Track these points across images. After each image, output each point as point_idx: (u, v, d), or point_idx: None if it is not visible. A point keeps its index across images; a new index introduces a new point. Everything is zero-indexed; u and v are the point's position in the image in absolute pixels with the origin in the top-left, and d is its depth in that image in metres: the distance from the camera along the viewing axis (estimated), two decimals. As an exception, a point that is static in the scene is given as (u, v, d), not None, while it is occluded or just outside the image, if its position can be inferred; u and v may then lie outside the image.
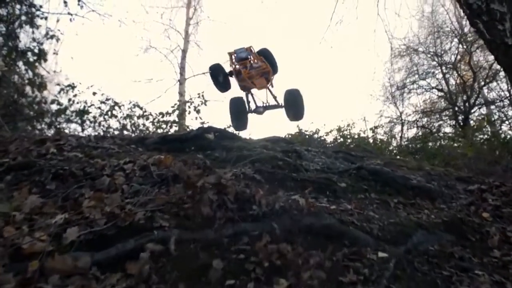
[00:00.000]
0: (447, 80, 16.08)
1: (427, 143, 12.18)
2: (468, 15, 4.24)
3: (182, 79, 13.22)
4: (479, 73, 15.11)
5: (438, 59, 15.95)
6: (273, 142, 5.10)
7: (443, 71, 15.99)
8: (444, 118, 16.55)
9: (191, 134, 4.59)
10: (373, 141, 11.96)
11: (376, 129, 12.61)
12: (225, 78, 6.20)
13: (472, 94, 14.98)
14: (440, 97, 16.56)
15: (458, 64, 15.80)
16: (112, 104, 8.43)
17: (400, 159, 6.04)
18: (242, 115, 5.70)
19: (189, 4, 13.89)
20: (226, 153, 4.23)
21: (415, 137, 13.83)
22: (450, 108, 15.96)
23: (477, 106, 15.34)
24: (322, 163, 4.37)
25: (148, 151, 4.11)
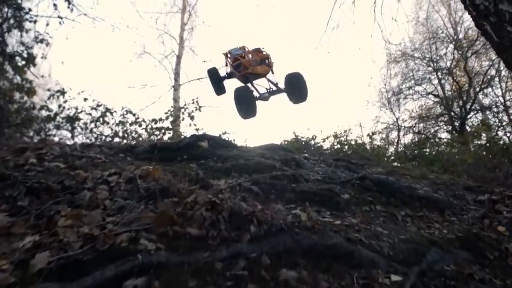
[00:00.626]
0: (443, 85, 15.96)
1: (424, 149, 11.97)
2: (474, 16, 4.01)
3: (177, 85, 12.93)
4: (475, 79, 14.99)
5: (433, 65, 15.82)
6: (270, 150, 4.83)
7: (438, 76, 15.86)
8: (440, 123, 16.41)
9: (184, 142, 4.32)
10: (371, 147, 11.73)
11: (374, 135, 12.37)
12: (220, 82, 6.22)
13: (468, 100, 14.82)
14: (436, 102, 16.41)
15: (454, 69, 15.68)
16: (104, 111, 8.13)
17: (402, 167, 5.80)
18: (250, 101, 5.51)
19: (184, 10, 13.66)
20: (221, 163, 3.96)
21: (412, 143, 13.61)
22: (446, 113, 15.81)
23: (473, 112, 15.18)
24: (322, 173, 4.10)
25: (138, 160, 3.83)
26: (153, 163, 3.78)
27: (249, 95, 5.49)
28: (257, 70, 5.40)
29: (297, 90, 5.69)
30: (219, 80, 6.21)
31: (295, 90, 5.69)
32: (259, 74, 5.44)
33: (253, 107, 5.50)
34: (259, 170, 3.69)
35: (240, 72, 5.50)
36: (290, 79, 5.69)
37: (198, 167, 3.79)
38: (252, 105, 5.48)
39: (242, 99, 5.38)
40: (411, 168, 6.01)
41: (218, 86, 6.25)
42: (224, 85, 6.29)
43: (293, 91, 5.70)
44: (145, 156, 3.93)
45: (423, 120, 16.52)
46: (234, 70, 5.69)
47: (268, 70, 5.58)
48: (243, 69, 5.44)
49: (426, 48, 15.96)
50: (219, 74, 6.28)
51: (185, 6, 13.54)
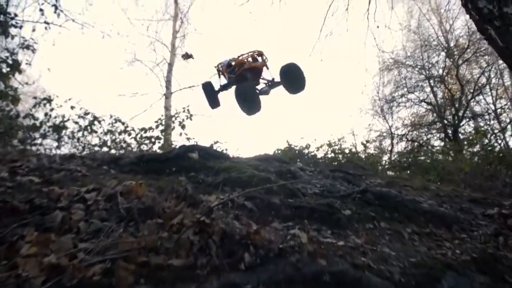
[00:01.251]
0: (435, 93, 15.88)
1: (419, 157, 11.79)
2: (477, 21, 3.79)
3: (168, 93, 12.64)
4: (466, 86, 14.93)
5: (426, 73, 15.75)
6: (264, 161, 4.56)
7: (431, 84, 15.78)
8: (432, 131, 16.29)
9: (173, 153, 4.02)
10: (365, 156, 11.51)
11: (368, 143, 12.17)
12: (215, 95, 6.32)
13: (460, 107, 14.74)
14: (429, 110, 16.31)
15: (446, 77, 15.61)
16: (91, 119, 7.80)
17: (402, 178, 5.55)
18: (253, 95, 5.45)
19: (175, 17, 13.42)
20: (212, 175, 3.68)
21: (406, 151, 13.43)
22: (438, 121, 15.71)
23: (465, 119, 15.10)
24: (320, 185, 3.84)
25: (123, 173, 3.53)
26: (139, 176, 3.49)
27: (251, 89, 5.43)
28: (252, 64, 5.51)
29: (293, 80, 5.71)
30: (214, 93, 6.28)
31: (292, 80, 5.70)
32: (255, 67, 5.43)
33: (257, 101, 5.41)
34: (252, 183, 3.41)
35: (237, 72, 5.44)
36: (285, 69, 5.68)
37: (187, 180, 3.50)
38: (255, 100, 5.40)
39: (245, 96, 5.28)
40: (411, 178, 5.77)
41: (213, 100, 6.33)
42: (218, 98, 6.36)
43: (289, 81, 5.71)
44: (131, 169, 3.64)
45: (416, 127, 16.40)
46: (230, 75, 5.62)
47: (263, 64, 5.64)
48: (239, 68, 5.41)
49: (418, 56, 15.89)
50: (213, 87, 6.34)
51: (177, 13, 13.31)
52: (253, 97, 5.25)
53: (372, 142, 13.37)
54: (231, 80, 5.79)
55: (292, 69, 5.75)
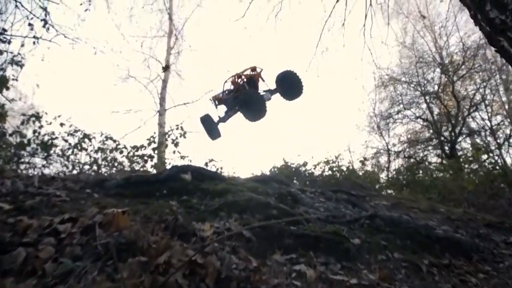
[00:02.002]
0: (431, 109, 15.70)
1: (417, 174, 11.51)
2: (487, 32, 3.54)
3: (162, 109, 12.33)
4: (462, 103, 14.79)
5: (421, 89, 15.61)
6: (263, 182, 4.23)
7: (426, 100, 15.62)
8: (429, 148, 16.07)
9: (164, 174, 3.69)
10: (363, 173, 11.21)
11: (366, 161, 11.88)
12: (215, 126, 6.40)
13: (457, 124, 14.56)
14: (425, 126, 16.12)
15: (441, 93, 15.47)
16: (81, 137, 7.46)
17: (407, 199, 5.23)
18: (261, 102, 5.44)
19: (170, 34, 13.21)
20: (206, 199, 3.34)
21: (405, 168, 13.15)
22: (435, 137, 15.51)
23: (462, 136, 14.90)
24: (324, 209, 3.52)
25: (108, 197, 3.19)
26: (126, 201, 3.15)
27: (259, 97, 5.30)
28: (248, 74, 5.39)
29: (290, 86, 5.71)
30: (213, 124, 6.34)
31: (289, 86, 5.70)
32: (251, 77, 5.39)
33: (264, 108, 5.36)
34: (251, 208, 3.08)
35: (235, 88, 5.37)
36: (282, 77, 5.69)
37: (179, 205, 3.17)
38: (263, 107, 5.36)
39: (254, 103, 5.28)
40: (417, 199, 5.46)
41: (213, 131, 6.43)
42: (219, 129, 6.43)
43: (287, 88, 5.71)
44: (117, 192, 3.30)
45: (413, 144, 16.19)
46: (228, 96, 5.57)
47: (258, 74, 5.68)
48: (236, 83, 5.37)
49: (413, 72, 15.78)
50: (212, 119, 6.40)
51: (172, 30, 13.10)
52: (261, 104, 5.11)
53: (371, 159, 13.06)
54: (230, 100, 5.67)
55: (289, 75, 5.73)
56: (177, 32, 12.92)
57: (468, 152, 13.87)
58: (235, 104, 5.62)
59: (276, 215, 3.00)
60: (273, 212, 3.04)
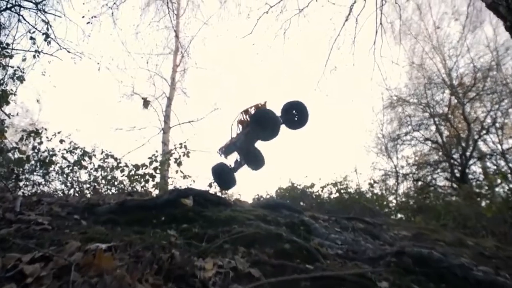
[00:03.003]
0: (441, 131, 15.28)
1: (428, 199, 11.00)
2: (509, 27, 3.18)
3: (166, 127, 12.00)
4: (473, 125, 14.38)
5: (430, 110, 15.24)
6: (272, 208, 3.81)
7: (436, 122, 15.22)
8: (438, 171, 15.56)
9: (162, 199, 3.29)
10: (372, 196, 10.71)
11: (375, 183, 11.41)
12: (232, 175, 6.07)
13: (467, 146, 14.10)
14: (434, 148, 15.65)
15: (451, 115, 15.09)
16: (81, 154, 7.11)
17: (429, 229, 4.77)
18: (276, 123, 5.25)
19: (176, 51, 13.02)
20: (209, 228, 2.94)
21: (415, 191, 12.64)
22: (445, 160, 15.04)
23: (473, 159, 14.39)
24: (341, 242, 3.09)
25: (98, 224, 2.79)
26: (117, 229, 2.75)
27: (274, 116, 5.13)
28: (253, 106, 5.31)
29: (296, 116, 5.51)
30: (231, 174, 6.03)
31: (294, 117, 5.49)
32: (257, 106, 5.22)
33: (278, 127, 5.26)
34: (260, 241, 2.67)
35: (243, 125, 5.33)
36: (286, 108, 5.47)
37: (178, 234, 2.77)
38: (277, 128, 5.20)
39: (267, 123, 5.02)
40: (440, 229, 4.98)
41: (230, 181, 6.05)
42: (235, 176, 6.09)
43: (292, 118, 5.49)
44: (109, 218, 2.90)
45: (421, 167, 15.71)
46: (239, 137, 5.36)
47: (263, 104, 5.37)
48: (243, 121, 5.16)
49: (422, 93, 15.44)
50: (228, 166, 6.13)
51: (178, 47, 12.90)
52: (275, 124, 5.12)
53: (380, 182, 12.57)
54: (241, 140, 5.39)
55: (295, 105, 5.55)
56: (183, 49, 12.73)
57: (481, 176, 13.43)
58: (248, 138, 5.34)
59: (289, 250, 2.58)
60: (285, 246, 2.62)
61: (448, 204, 9.58)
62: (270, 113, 4.95)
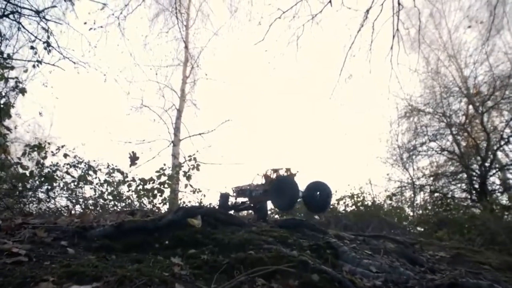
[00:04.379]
0: (458, 142, 14.60)
1: (450, 211, 10.34)
2: None
3: (176, 140, 11.59)
4: (493, 135, 13.70)
5: (447, 120, 14.60)
6: (292, 228, 3.33)
7: (452, 132, 14.56)
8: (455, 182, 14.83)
9: (166, 219, 2.81)
10: (390, 209, 10.12)
11: (394, 196, 10.81)
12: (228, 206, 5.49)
13: (487, 157, 13.41)
14: (451, 159, 14.95)
15: (469, 125, 14.42)
16: (85, 168, 6.70)
17: (467, 249, 4.21)
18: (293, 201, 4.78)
19: (186, 62, 12.68)
20: (220, 254, 2.46)
21: (434, 203, 11.97)
22: (463, 171, 14.33)
23: (493, 170, 13.67)
24: (376, 268, 2.58)
25: (88, 252, 2.34)
26: (112, 257, 2.29)
27: (296, 191, 4.58)
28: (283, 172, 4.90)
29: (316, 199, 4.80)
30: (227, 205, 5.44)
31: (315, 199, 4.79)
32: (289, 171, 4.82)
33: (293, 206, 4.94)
34: (281, 270, 2.18)
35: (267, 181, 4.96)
36: (311, 187, 4.81)
37: (184, 262, 2.30)
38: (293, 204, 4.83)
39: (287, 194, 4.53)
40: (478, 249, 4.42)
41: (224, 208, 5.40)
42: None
43: (311, 200, 4.82)
44: (103, 244, 2.44)
45: (437, 178, 15.01)
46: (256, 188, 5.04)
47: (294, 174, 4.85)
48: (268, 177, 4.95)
49: (438, 102, 14.82)
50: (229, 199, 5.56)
51: (187, 58, 12.56)
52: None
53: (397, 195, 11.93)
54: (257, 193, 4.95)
55: (321, 188, 4.84)
56: (192, 60, 12.38)
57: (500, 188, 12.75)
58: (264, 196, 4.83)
59: (317, 283, 2.09)
60: (313, 278, 2.12)
61: (472, 217, 8.91)
62: (294, 188, 4.37)
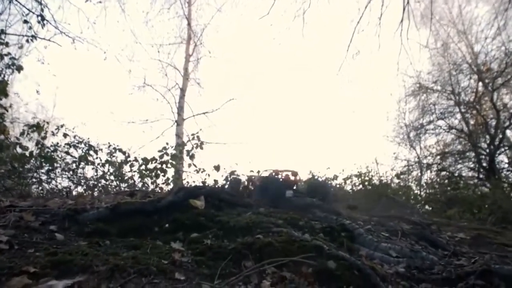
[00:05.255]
0: (467, 120, 14.21)
1: (459, 190, 10.08)
2: None
3: (180, 119, 11.30)
4: (503, 112, 13.29)
5: (455, 98, 14.18)
6: (302, 209, 3.09)
7: (461, 110, 14.16)
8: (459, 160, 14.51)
9: (165, 200, 2.57)
10: (398, 188, 9.88)
11: (402, 175, 10.56)
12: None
13: (496, 135, 13.05)
14: (458, 137, 14.60)
15: (478, 103, 13.99)
16: (86, 148, 6.46)
17: (488, 229, 3.96)
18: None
19: (189, 40, 12.25)
20: (225, 238, 2.23)
21: (442, 182, 11.70)
22: (470, 150, 14.01)
23: (502, 148, 13.33)
24: (396, 252, 2.34)
25: (80, 237, 2.11)
26: (106, 243, 2.06)
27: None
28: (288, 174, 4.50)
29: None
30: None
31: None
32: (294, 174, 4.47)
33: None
34: (293, 256, 1.94)
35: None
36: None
37: (185, 248, 2.07)
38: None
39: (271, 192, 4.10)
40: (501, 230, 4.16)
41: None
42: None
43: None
44: (96, 228, 2.21)
45: (446, 157, 14.70)
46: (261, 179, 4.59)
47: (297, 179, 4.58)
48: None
49: (447, 80, 14.35)
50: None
51: (190, 35, 12.10)
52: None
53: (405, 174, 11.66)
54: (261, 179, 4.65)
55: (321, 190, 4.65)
56: (196, 38, 11.94)
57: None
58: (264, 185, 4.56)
59: (334, 270, 1.85)
60: (329, 265, 1.88)
61: (483, 196, 8.66)
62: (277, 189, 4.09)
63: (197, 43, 12.23)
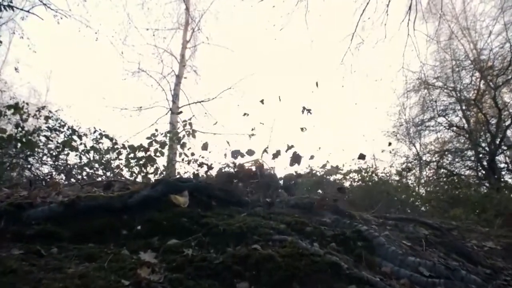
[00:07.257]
0: (468, 117, 13.77)
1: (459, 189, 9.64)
2: None
3: (175, 107, 10.67)
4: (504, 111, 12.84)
5: (457, 95, 13.71)
6: (309, 210, 2.55)
7: (462, 107, 13.70)
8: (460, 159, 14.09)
9: (139, 195, 2.03)
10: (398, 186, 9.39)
11: (404, 172, 10.08)
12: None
13: (497, 134, 12.61)
14: (459, 135, 14.16)
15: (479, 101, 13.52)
16: (69, 133, 5.88)
17: None
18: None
19: (186, 26, 11.57)
20: (213, 247, 1.70)
21: (442, 181, 11.26)
22: (471, 148, 13.57)
23: (503, 147, 12.92)
24: (428, 269, 1.82)
25: (20, 243, 1.57)
26: (54, 250, 1.52)
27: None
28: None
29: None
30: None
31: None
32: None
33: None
34: (298, 273, 1.42)
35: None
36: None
37: (158, 260, 1.54)
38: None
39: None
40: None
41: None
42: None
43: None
44: (43, 230, 1.67)
45: (445, 155, 14.27)
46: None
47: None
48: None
49: (449, 76, 13.87)
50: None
51: (188, 21, 11.42)
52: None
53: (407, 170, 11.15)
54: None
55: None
56: (194, 24, 11.27)
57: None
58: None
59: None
60: None
61: (487, 196, 8.19)
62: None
63: (195, 29, 11.57)
